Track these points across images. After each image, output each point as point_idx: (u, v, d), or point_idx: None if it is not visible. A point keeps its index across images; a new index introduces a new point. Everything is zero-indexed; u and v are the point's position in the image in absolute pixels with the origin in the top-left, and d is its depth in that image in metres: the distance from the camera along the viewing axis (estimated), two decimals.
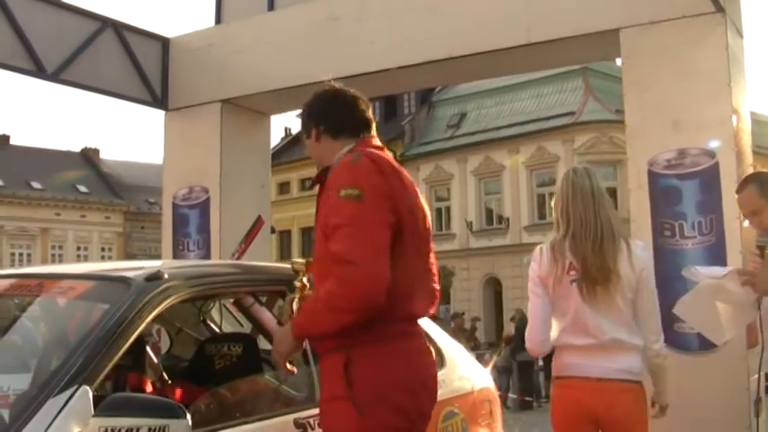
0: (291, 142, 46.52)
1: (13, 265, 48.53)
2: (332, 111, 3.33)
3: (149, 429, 2.73)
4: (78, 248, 54.04)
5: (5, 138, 57.08)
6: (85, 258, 52.56)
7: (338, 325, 2.94)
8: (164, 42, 9.37)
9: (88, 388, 2.78)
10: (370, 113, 3.37)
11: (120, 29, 9.00)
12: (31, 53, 8.12)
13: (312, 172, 3.38)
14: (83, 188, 54.80)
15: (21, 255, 52.42)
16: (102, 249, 54.66)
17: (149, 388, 4.17)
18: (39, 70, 8.22)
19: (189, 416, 2.83)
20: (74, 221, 53.63)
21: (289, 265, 3.46)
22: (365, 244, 2.92)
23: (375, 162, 3.05)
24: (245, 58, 8.64)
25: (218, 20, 9.50)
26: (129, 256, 51.12)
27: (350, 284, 2.90)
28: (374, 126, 3.36)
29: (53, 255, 52.95)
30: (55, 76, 8.35)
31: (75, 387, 2.77)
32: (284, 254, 42.20)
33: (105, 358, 2.95)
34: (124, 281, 3.32)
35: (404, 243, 3.03)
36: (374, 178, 3.01)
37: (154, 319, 3.33)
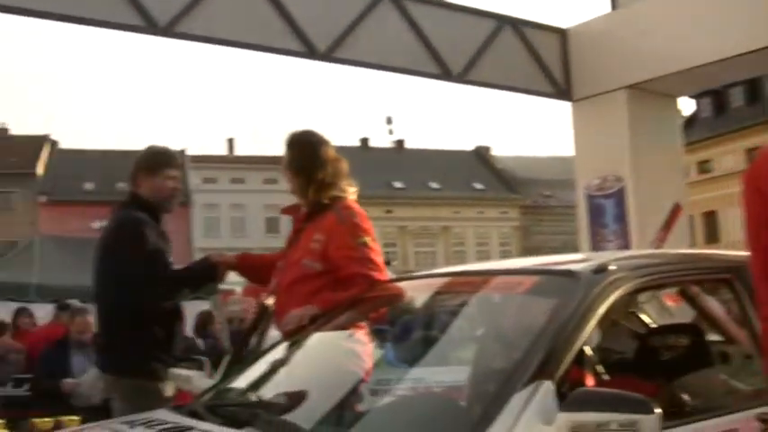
0: (685, 125, 44.82)
1: (417, 264, 51.10)
2: None
3: (619, 425, 2.61)
4: (478, 244, 55.80)
5: (400, 142, 60.49)
6: (486, 254, 54.04)
7: None
8: (562, 34, 9.38)
9: (551, 383, 2.74)
10: None
11: (517, 25, 9.15)
12: (436, 57, 8.46)
13: (708, 155, 3.01)
14: (479, 185, 56.56)
15: (425, 253, 55.00)
16: (501, 245, 55.97)
17: (590, 381, 4.09)
18: (445, 73, 8.54)
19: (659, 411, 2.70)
20: (472, 218, 55.50)
21: (729, 252, 3.23)
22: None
23: None
24: (648, 41, 8.40)
25: (614, 5, 9.33)
26: (528, 250, 51.85)
27: None
28: None
29: (455, 251, 55.08)
30: (461, 78, 8.66)
31: (538, 382, 2.73)
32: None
33: (564, 353, 2.92)
34: (571, 274, 3.27)
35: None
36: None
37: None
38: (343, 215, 4.24)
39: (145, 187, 4.84)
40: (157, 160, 4.92)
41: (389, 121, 63.19)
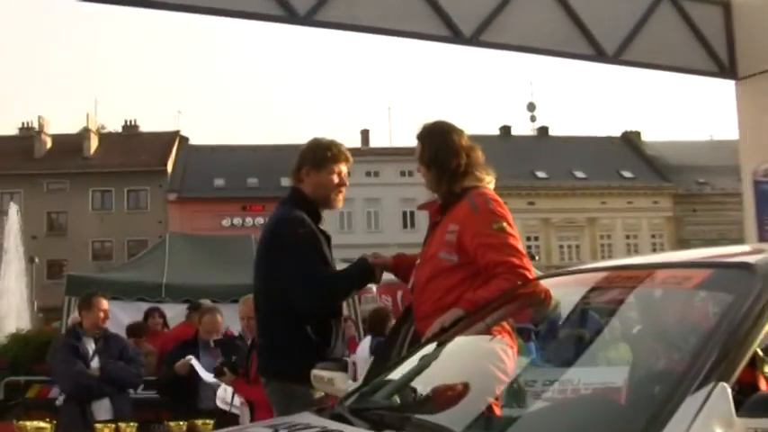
0: None
1: (562, 258, 50.37)
2: None
3: None
4: (627, 237, 54.37)
5: (544, 129, 59.51)
6: (635, 247, 52.65)
7: None
8: (725, 6, 9.02)
9: (726, 385, 2.51)
10: None
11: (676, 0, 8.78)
12: (589, 38, 8.29)
13: None
14: (627, 174, 55.16)
15: (569, 246, 54.00)
16: (652, 236, 54.35)
17: (763, 384, 3.80)
18: (599, 54, 8.38)
19: None
20: (620, 209, 54.07)
21: None
22: None
23: None
24: None
25: None
26: (681, 241, 50.34)
27: None
28: None
29: (602, 245, 53.85)
30: (615, 58, 8.52)
31: (714, 384, 2.51)
32: None
33: (740, 353, 2.67)
34: (747, 267, 3.01)
35: None
36: None
37: None
38: (476, 202, 4.12)
39: (308, 183, 4.74)
40: (324, 155, 4.76)
41: (532, 107, 62.06)
